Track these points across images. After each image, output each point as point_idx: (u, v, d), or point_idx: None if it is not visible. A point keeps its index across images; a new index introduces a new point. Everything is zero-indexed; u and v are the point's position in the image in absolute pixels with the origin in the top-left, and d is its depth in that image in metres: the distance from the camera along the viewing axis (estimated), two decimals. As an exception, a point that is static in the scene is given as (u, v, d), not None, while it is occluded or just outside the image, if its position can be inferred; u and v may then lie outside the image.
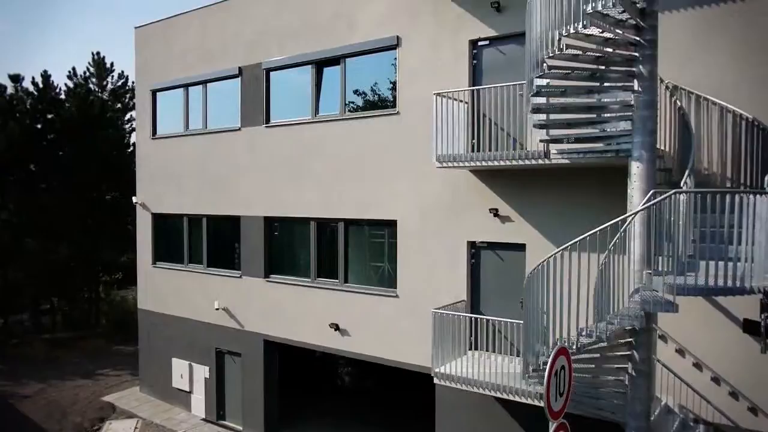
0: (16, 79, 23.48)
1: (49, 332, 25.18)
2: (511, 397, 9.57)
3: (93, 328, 25.99)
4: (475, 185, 11.20)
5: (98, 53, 26.44)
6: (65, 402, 17.55)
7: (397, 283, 12.40)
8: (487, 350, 10.88)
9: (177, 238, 17.30)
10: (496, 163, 9.73)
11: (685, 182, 7.60)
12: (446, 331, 10.54)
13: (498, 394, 9.72)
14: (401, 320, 12.30)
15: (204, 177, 16.19)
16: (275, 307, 14.58)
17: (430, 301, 11.68)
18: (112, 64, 26.74)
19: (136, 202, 18.20)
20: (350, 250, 13.42)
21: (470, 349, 11.19)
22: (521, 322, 9.76)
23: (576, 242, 7.03)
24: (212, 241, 16.33)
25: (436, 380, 10.54)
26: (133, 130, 23.42)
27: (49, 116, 24.02)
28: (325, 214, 13.55)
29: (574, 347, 6.88)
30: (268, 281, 14.75)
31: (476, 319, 10.78)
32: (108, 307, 28.43)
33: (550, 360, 5.35)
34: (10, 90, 23.39)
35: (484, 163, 9.88)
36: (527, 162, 9.37)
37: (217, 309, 15.61)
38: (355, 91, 13.21)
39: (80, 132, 23.52)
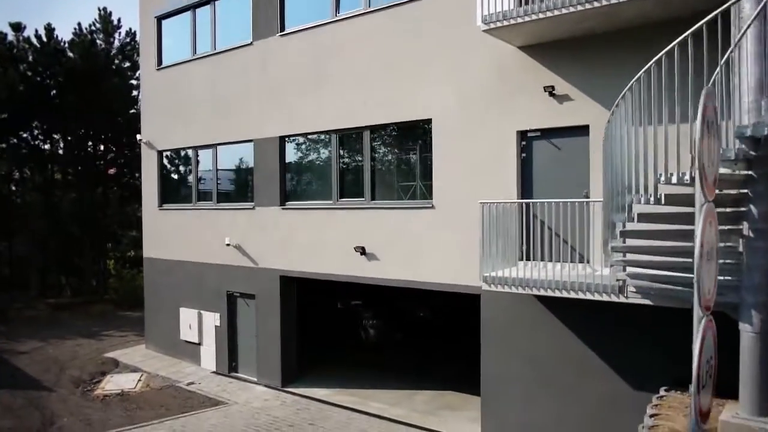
0: (17, 27, 22.46)
1: (54, 297, 24.02)
2: (579, 295, 7.95)
3: (100, 295, 24.78)
4: (525, 63, 9.62)
5: (104, 8, 25.35)
6: (64, 357, 16.27)
7: (433, 191, 10.83)
8: (542, 259, 9.18)
9: (185, 174, 15.98)
10: (557, 13, 8.11)
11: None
12: (495, 229, 8.91)
13: (562, 294, 8.10)
14: (438, 235, 10.72)
15: (213, 104, 14.83)
16: (293, 237, 13.10)
17: (472, 209, 10.10)
18: (119, 20, 25.65)
19: (140, 140, 16.92)
20: (377, 161, 11.91)
21: (522, 259, 9.51)
22: (589, 199, 8.18)
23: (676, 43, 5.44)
24: (223, 173, 14.94)
25: (484, 286, 8.94)
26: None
27: (51, 71, 22.87)
28: (347, 123, 12.05)
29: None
30: (284, 209, 13.29)
31: (530, 207, 9.07)
32: (118, 283, 27.27)
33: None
34: (10, 38, 22.39)
35: (542, 16, 8.27)
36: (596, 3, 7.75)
37: (228, 245, 14.18)
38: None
39: (85, 83, 22.33)
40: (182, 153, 15.99)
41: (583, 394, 9.16)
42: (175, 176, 16.47)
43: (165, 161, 16.56)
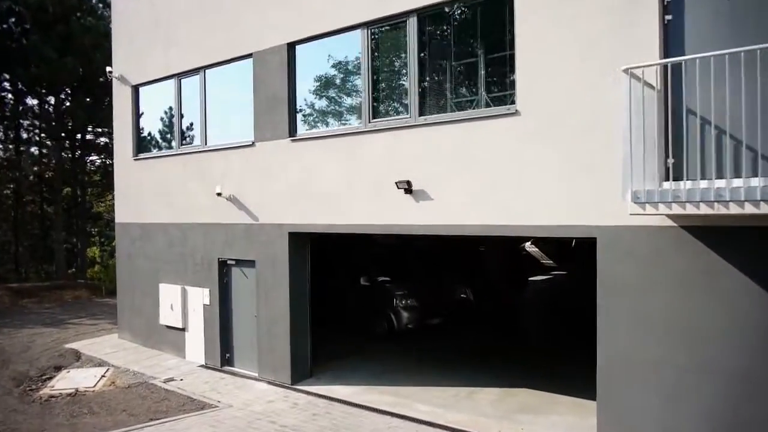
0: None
1: (19, 281, 20.63)
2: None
3: (74, 279, 21.39)
4: None
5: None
6: (13, 349, 12.86)
7: (516, 91, 7.37)
8: (703, 177, 5.69)
9: (165, 111, 12.55)
10: None
11: None
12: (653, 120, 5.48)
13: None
14: (526, 153, 7.28)
15: (200, 16, 11.43)
16: (307, 178, 9.68)
17: (580, 111, 6.74)
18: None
19: (110, 73, 13.52)
20: (428, 61, 8.46)
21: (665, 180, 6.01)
22: None
23: None
24: (214, 105, 11.48)
25: (634, 209, 5.47)
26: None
27: (16, 15, 19.49)
28: (383, 10, 8.62)
29: None
30: (294, 141, 9.85)
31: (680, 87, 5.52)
32: (104, 273, 23.88)
33: None
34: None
35: None
36: None
37: (219, 194, 10.74)
38: None
39: (53, 22, 18.88)
40: (162, 83, 12.51)
41: (779, 386, 5.68)
42: (154, 116, 13.03)
43: (140, 97, 13.13)
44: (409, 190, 8.26)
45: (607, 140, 6.55)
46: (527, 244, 25.57)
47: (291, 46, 9.88)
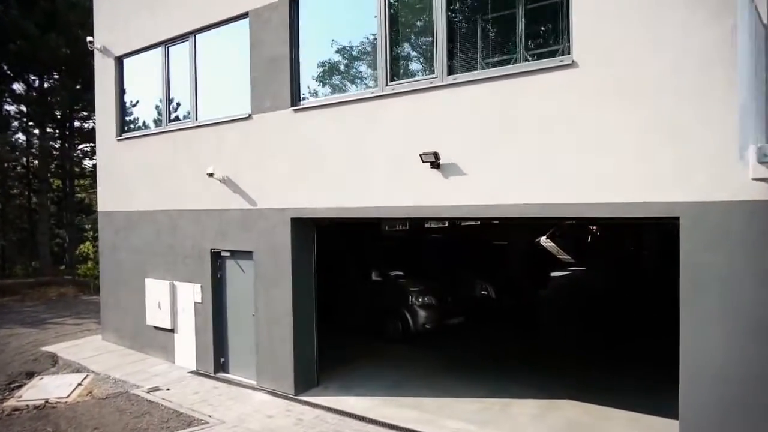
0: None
1: (2, 278, 19.33)
2: None
3: (60, 275, 20.08)
4: None
5: None
6: (-17, 352, 11.54)
7: (572, 38, 5.97)
8: None
9: (152, 86, 11.17)
10: None
11: None
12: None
13: None
14: (583, 112, 5.90)
15: (190, -27, 10.07)
16: (312, 155, 8.30)
17: (659, 58, 5.36)
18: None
19: (91, 44, 12.15)
20: (459, 9, 7.08)
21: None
22: None
23: None
24: (205, 76, 10.11)
25: (758, 171, 4.09)
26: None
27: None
28: (404, -50, 7.25)
29: None
30: (298, 111, 8.47)
31: None
32: (96, 270, 22.58)
33: None
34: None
35: None
36: None
37: (211, 175, 9.37)
38: None
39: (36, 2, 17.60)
40: (148, 55, 11.14)
41: None
42: (139, 91, 11.67)
43: (125, 70, 11.77)
44: (436, 164, 6.88)
45: (695, 93, 5.18)
46: (542, 239, 24.27)
47: (294, 2, 8.50)
